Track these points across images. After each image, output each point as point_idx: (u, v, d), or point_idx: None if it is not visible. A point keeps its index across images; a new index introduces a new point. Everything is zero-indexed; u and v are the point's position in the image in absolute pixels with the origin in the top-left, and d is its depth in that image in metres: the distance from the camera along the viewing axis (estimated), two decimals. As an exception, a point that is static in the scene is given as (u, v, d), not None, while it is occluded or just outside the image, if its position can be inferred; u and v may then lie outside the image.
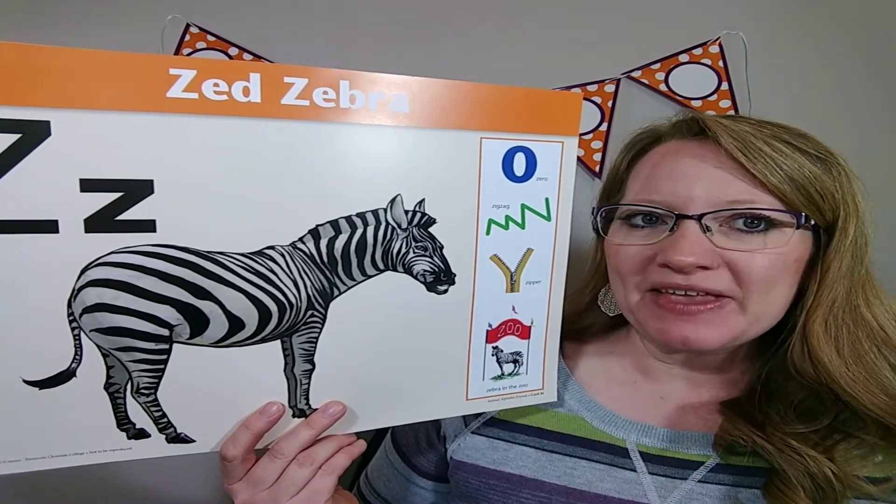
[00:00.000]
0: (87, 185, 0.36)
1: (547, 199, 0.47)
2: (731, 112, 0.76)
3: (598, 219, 0.53)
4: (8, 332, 0.36)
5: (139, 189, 0.37)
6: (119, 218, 0.37)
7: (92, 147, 0.35)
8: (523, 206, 0.47)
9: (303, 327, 0.42)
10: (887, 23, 0.76)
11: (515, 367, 0.51)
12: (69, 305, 0.37)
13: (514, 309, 0.49)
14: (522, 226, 0.47)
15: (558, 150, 0.46)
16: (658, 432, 0.50)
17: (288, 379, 0.43)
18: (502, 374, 0.50)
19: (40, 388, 0.38)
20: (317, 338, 0.43)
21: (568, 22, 0.82)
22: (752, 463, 0.45)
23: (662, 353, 0.52)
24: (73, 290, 0.37)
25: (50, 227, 0.35)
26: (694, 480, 0.47)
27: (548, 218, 0.48)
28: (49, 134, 0.34)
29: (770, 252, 0.43)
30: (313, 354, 0.43)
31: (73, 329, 0.37)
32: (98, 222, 0.36)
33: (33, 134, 0.34)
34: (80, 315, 0.37)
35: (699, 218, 0.44)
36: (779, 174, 0.43)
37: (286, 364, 0.43)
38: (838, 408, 0.45)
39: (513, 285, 0.48)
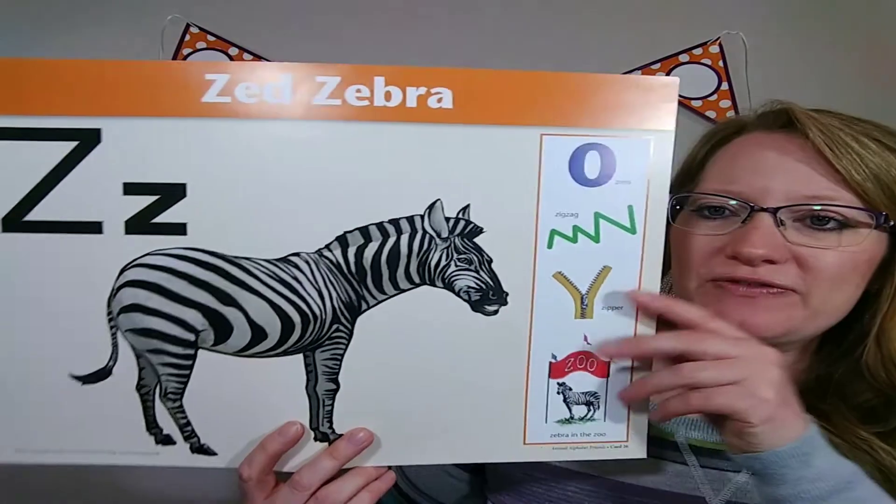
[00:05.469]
0: (130, 189, 0.37)
1: (630, 207, 0.40)
2: (731, 112, 0.77)
3: (668, 207, 0.46)
4: (57, 327, 0.38)
5: (173, 192, 0.37)
6: (154, 220, 0.38)
7: (135, 152, 0.37)
8: (597, 215, 0.40)
9: (327, 342, 0.39)
10: (887, 23, 0.76)
11: (589, 410, 0.42)
12: (109, 304, 0.38)
13: (586, 339, 0.41)
14: (596, 239, 0.40)
15: (646, 147, 0.39)
16: (706, 426, 0.49)
17: (310, 397, 0.40)
18: (571, 418, 0.42)
19: (83, 383, 0.39)
20: (342, 355, 0.39)
21: (568, 23, 0.83)
22: None
23: None
24: (113, 289, 0.38)
25: (95, 228, 0.37)
26: (747, 473, 0.45)
27: (632, 230, 0.40)
28: (99, 140, 0.37)
29: (843, 251, 0.43)
30: (337, 373, 0.40)
31: (111, 328, 0.39)
32: (137, 224, 0.38)
33: (87, 141, 0.37)
34: (118, 314, 0.38)
35: (774, 211, 0.43)
36: (863, 171, 0.43)
37: (308, 381, 0.40)
38: None
39: (584, 310, 0.41)
